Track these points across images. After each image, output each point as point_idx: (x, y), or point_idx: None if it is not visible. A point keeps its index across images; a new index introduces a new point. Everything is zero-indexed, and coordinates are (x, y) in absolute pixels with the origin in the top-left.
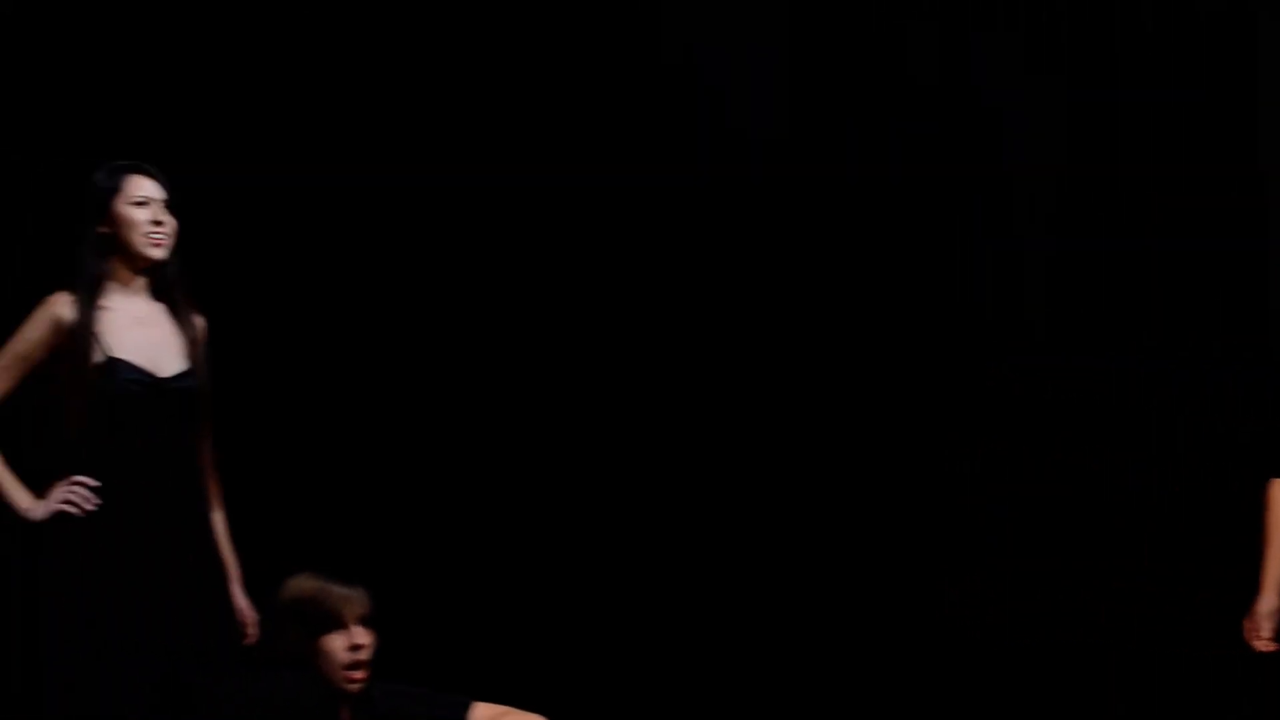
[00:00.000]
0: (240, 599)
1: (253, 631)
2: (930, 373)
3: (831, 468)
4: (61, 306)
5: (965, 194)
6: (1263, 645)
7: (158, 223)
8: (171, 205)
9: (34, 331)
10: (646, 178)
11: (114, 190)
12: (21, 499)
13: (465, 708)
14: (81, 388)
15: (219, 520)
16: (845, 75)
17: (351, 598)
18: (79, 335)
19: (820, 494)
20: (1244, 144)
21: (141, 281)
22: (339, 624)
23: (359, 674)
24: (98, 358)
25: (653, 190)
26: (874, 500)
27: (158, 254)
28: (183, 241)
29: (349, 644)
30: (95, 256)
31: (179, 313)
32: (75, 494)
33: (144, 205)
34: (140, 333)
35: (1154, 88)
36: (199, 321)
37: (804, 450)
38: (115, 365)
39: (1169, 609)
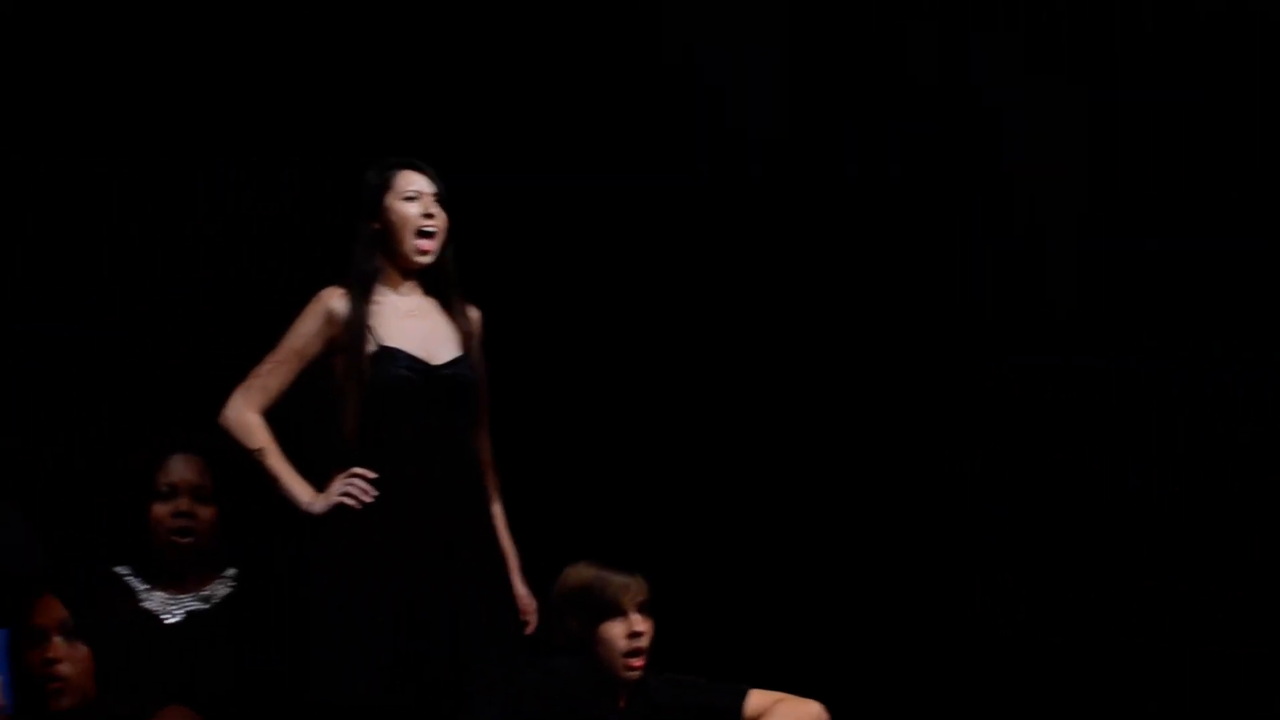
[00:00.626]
0: (520, 587)
1: (532, 619)
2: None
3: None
4: (334, 300)
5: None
6: None
7: (429, 215)
8: (443, 200)
9: (308, 326)
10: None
11: (385, 186)
12: (302, 493)
13: (741, 695)
14: (356, 379)
15: (497, 509)
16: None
17: (630, 585)
18: (352, 327)
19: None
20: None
21: (414, 274)
22: (618, 611)
23: (637, 661)
24: (371, 348)
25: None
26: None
27: (424, 259)
28: (455, 236)
29: (628, 631)
30: (367, 251)
31: (452, 306)
32: (354, 486)
33: (414, 200)
34: (412, 324)
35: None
36: (473, 314)
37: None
38: (389, 354)
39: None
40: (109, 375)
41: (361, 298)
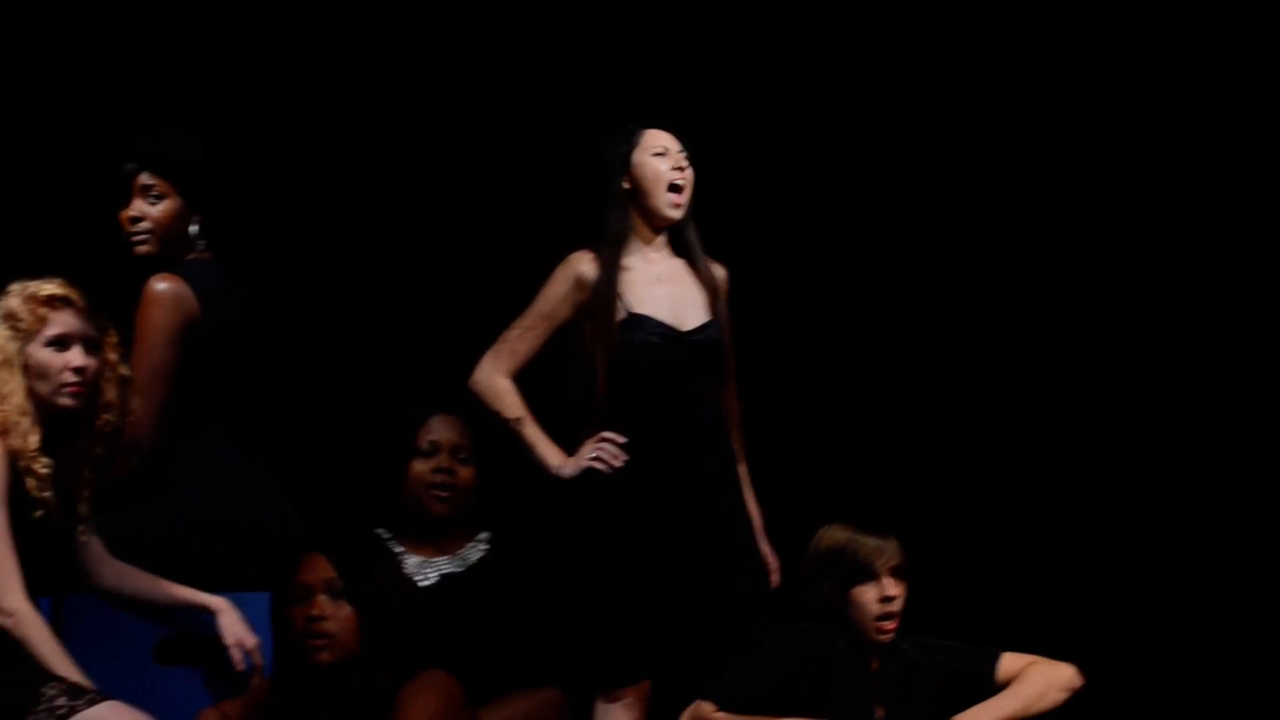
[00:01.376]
0: (764, 547)
1: (775, 579)
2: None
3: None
4: (584, 264)
5: None
6: None
7: (679, 169)
8: (689, 157)
9: (556, 291)
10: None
11: (633, 145)
12: (553, 456)
13: (994, 658)
14: (605, 345)
15: (743, 470)
16: None
17: (883, 548)
18: (601, 292)
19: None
20: None
21: (662, 238)
22: (871, 575)
23: (889, 625)
24: (620, 314)
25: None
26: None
27: (675, 214)
28: (700, 194)
29: (880, 595)
30: (618, 213)
31: (698, 266)
32: (604, 450)
33: (663, 155)
34: (661, 289)
35: None
36: (720, 273)
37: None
38: (638, 320)
39: None
40: (370, 338)
41: (611, 262)
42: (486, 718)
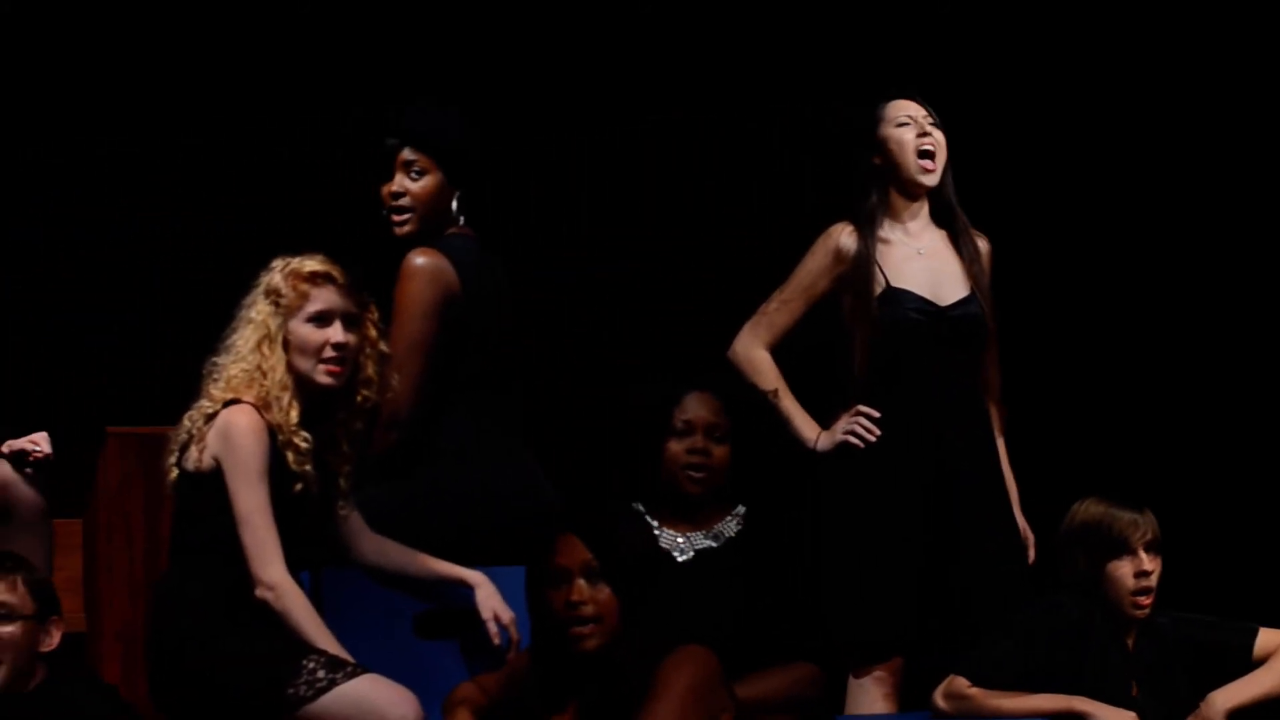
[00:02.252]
0: (1021, 521)
1: (1031, 553)
2: None
3: None
4: (843, 237)
5: None
6: None
7: (924, 135)
8: (937, 125)
9: (816, 263)
10: None
11: (878, 118)
12: (808, 430)
13: (1252, 634)
14: (864, 318)
15: (1001, 444)
16: None
17: (1139, 523)
18: (860, 266)
19: None
20: None
21: (919, 207)
22: (1127, 549)
23: (1145, 600)
24: (879, 288)
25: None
26: None
27: (927, 179)
28: (957, 162)
29: (1136, 570)
30: (870, 187)
31: (960, 238)
32: (859, 424)
33: (908, 125)
34: (921, 262)
35: None
36: (982, 245)
37: None
38: (897, 295)
39: None
40: (626, 313)
41: (870, 235)
42: (743, 692)
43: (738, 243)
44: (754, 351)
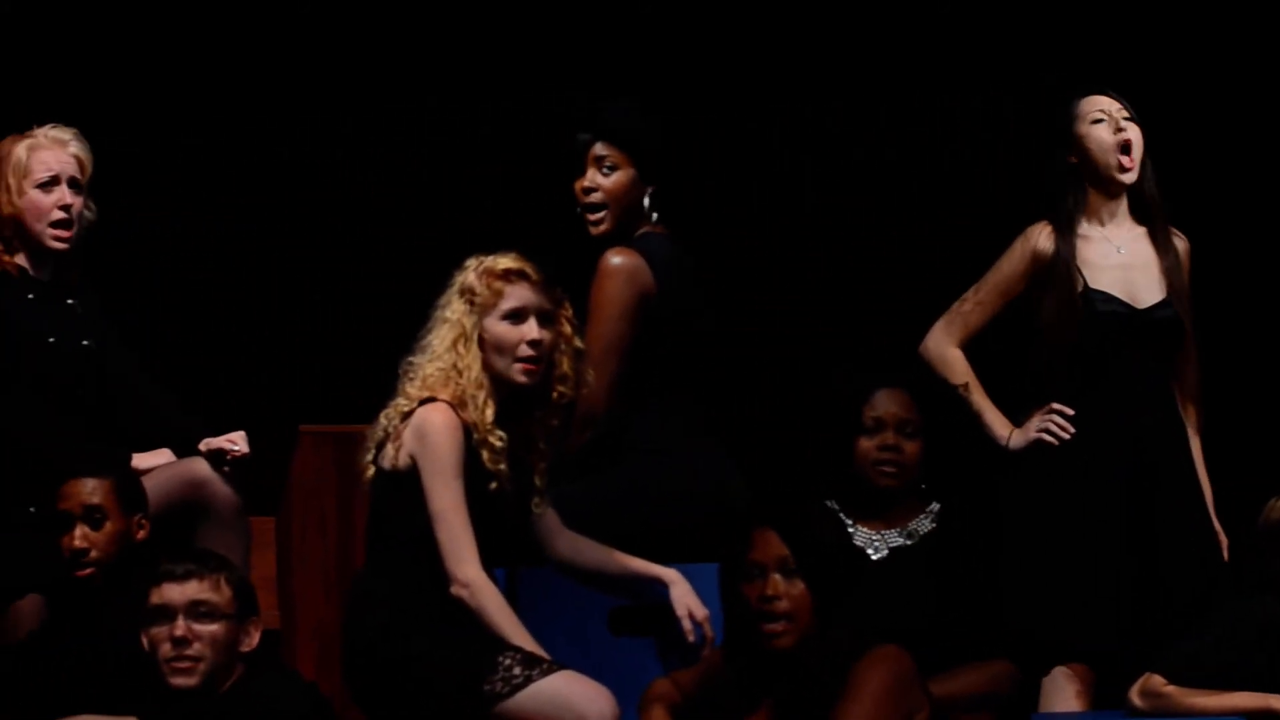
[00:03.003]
0: (1215, 522)
1: (1225, 554)
2: None
3: None
4: (1041, 238)
5: None
6: None
7: (1119, 130)
8: (1134, 119)
9: (1012, 264)
10: None
11: (1072, 116)
12: (1000, 427)
13: None
14: (1061, 319)
15: (1196, 444)
16: None
17: None
18: (1058, 267)
19: None
20: None
21: (1117, 205)
22: None
23: None
24: (1077, 289)
25: None
26: None
27: (1125, 177)
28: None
29: None
30: (1065, 186)
31: (1159, 236)
32: (1053, 422)
33: (1101, 122)
34: (1118, 262)
35: None
36: (1181, 245)
37: None
38: (1095, 297)
39: None
40: (815, 310)
41: (1068, 235)
42: (937, 690)
43: (924, 238)
44: (946, 349)
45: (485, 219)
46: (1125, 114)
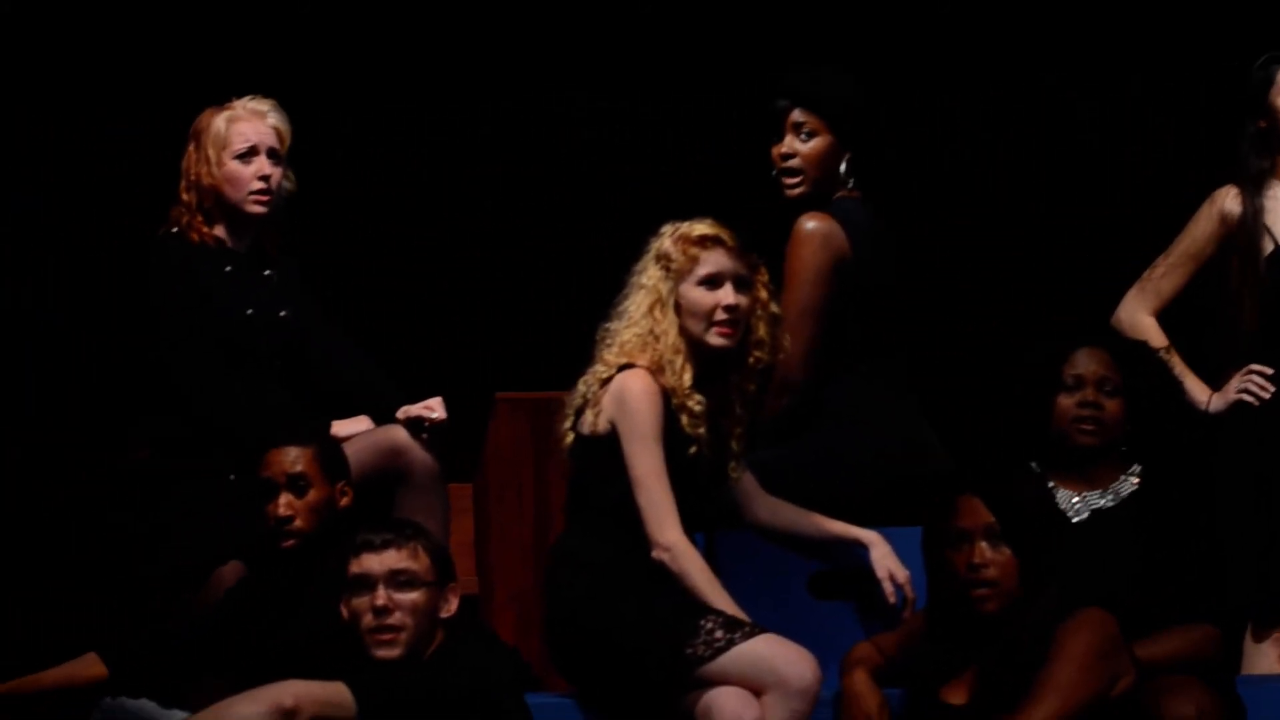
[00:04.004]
0: None
1: None
2: None
3: None
4: (1228, 201)
5: None
6: None
7: None
8: None
9: (1200, 227)
10: None
11: (1268, 82)
12: (1199, 392)
13: None
14: (1253, 280)
15: None
16: None
17: None
18: (1247, 228)
19: None
20: None
21: None
22: None
23: None
24: (1267, 249)
25: None
26: None
27: None
28: None
29: None
30: (1255, 150)
31: None
32: (1253, 383)
33: None
34: None
35: None
36: None
37: None
38: None
39: None
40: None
41: (1256, 197)
42: (1142, 653)
43: (1120, 206)
44: (1139, 317)
45: (684, 186)
46: None
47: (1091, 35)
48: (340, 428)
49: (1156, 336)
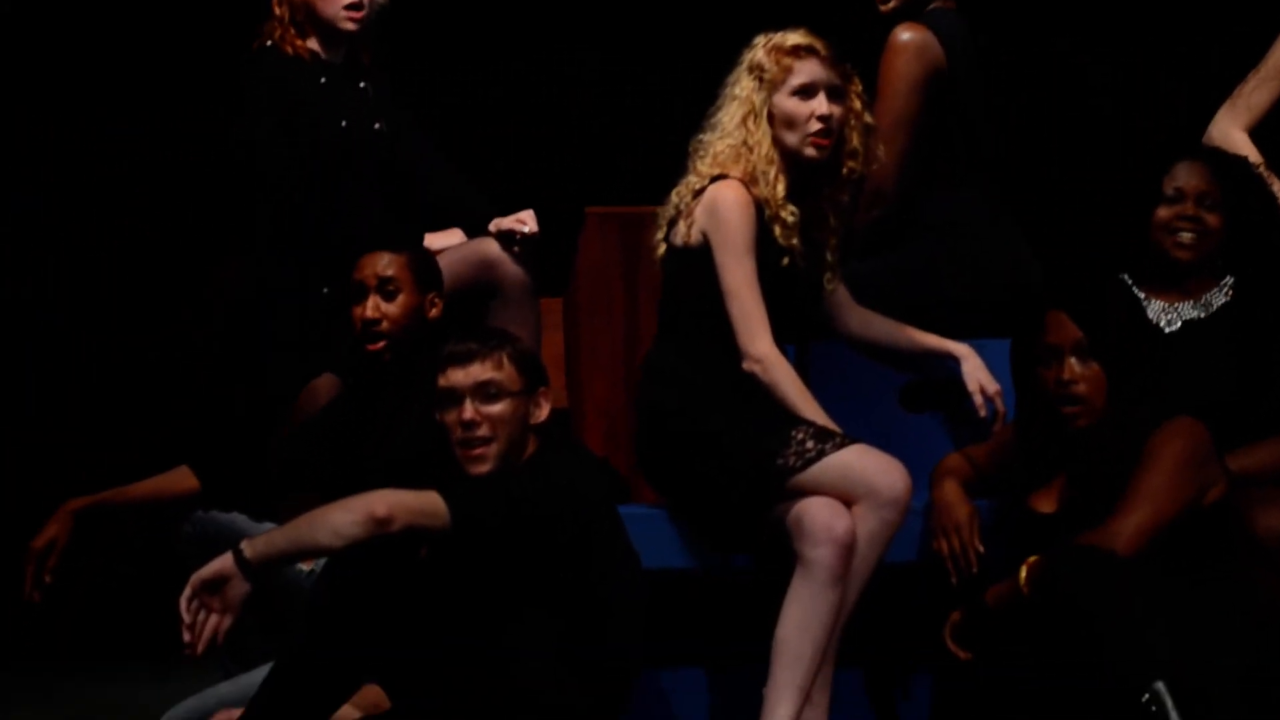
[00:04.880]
0: None
1: None
2: None
3: None
4: None
5: None
6: None
7: None
8: None
9: None
10: None
11: None
12: None
13: None
14: None
15: None
16: None
17: None
18: None
19: None
20: None
21: None
22: None
23: None
24: None
25: None
26: None
27: None
28: None
29: None
30: None
31: None
32: None
33: None
34: None
35: None
36: None
37: None
38: None
39: None
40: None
41: None
42: (1234, 464)
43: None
44: (1232, 134)
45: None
46: None
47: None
48: (433, 240)
49: (1251, 152)
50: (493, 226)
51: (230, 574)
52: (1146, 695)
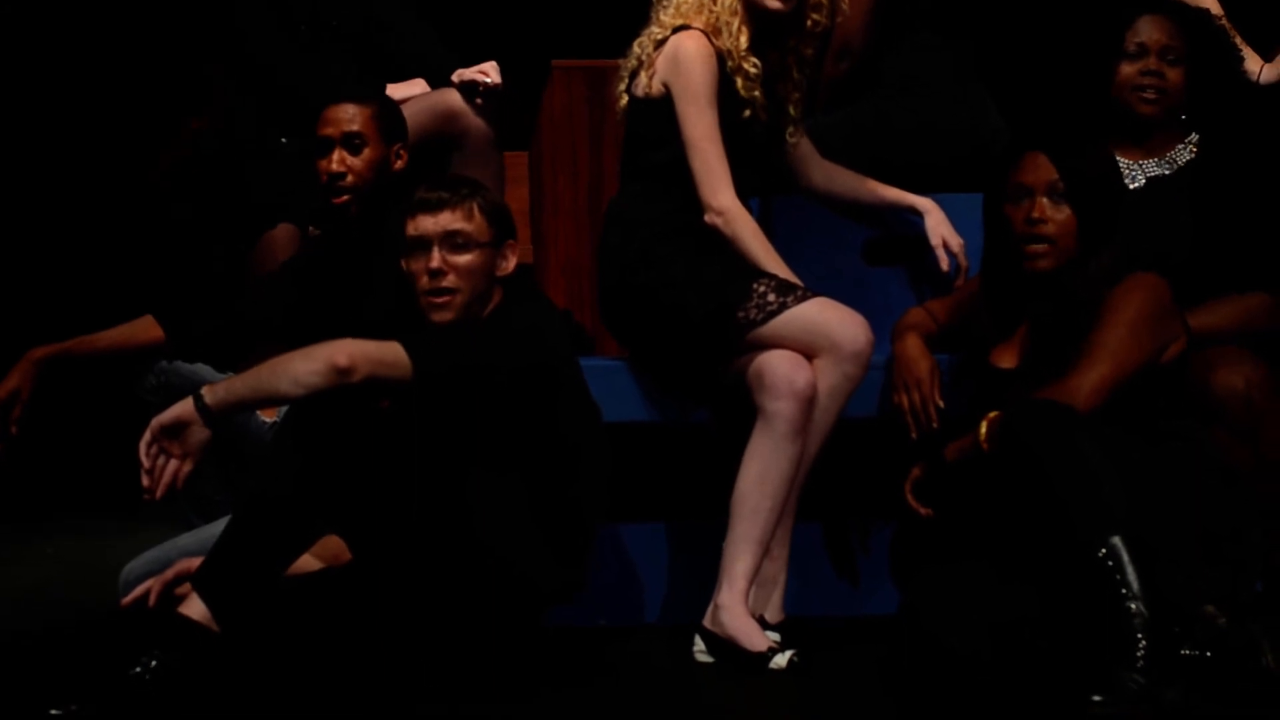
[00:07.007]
0: None
1: None
2: None
3: None
4: None
5: None
6: None
7: None
8: None
9: None
10: None
11: None
12: (1252, 62)
13: None
14: None
15: None
16: None
17: None
18: None
19: None
20: None
21: None
22: None
23: None
24: None
25: None
26: None
27: None
28: None
29: None
30: None
31: None
32: None
33: None
34: None
35: None
36: None
37: None
38: None
39: None
40: None
41: None
42: (1194, 320)
43: None
44: None
45: None
46: None
47: None
48: (395, 90)
49: (1211, 3)
50: (455, 77)
51: (190, 419)
52: (1103, 550)
